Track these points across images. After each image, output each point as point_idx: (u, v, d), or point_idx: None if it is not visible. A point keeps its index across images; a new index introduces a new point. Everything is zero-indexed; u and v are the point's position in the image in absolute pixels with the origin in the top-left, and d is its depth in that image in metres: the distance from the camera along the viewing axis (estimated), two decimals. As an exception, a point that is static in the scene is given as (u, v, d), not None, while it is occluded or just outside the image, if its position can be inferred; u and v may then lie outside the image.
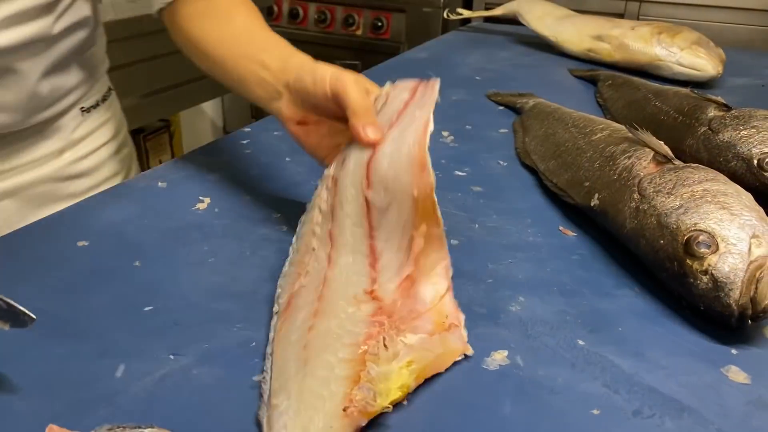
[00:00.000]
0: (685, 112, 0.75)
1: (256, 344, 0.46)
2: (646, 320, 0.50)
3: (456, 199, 0.68)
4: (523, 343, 0.47)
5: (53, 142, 0.70)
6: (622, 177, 0.59)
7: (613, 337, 0.48)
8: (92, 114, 0.75)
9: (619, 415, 0.41)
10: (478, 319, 0.49)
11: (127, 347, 0.45)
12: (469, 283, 0.53)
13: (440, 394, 0.42)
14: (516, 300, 0.51)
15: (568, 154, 0.69)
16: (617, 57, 1.17)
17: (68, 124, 0.71)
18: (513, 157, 0.79)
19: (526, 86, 1.02)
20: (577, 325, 0.49)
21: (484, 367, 0.44)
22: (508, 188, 0.71)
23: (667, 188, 0.54)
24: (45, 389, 0.41)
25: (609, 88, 1.00)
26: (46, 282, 0.52)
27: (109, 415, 0.39)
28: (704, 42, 1.11)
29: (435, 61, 1.24)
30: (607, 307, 0.51)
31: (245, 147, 0.79)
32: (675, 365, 0.45)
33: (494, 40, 1.42)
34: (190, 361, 0.44)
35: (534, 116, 0.85)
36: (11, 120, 0.64)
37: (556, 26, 1.28)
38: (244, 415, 0.40)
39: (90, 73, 0.73)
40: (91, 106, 0.74)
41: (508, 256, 0.58)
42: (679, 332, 0.49)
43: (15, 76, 0.62)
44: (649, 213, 0.54)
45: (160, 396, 0.41)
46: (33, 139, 0.68)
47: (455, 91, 1.04)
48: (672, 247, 0.50)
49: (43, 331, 0.46)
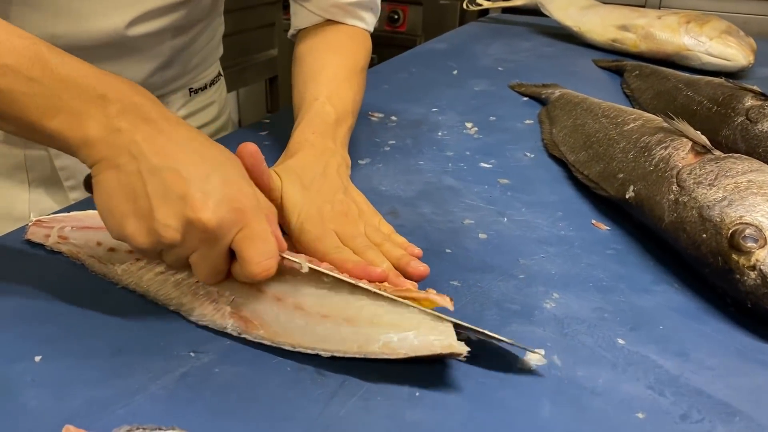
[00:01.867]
0: (720, 102, 0.72)
1: (279, 341, 0.44)
2: (688, 318, 0.47)
3: (483, 191, 0.66)
4: (560, 341, 0.44)
5: None
6: (659, 168, 0.57)
7: (654, 336, 0.45)
8: (199, 95, 0.79)
9: (665, 420, 0.38)
10: (512, 316, 0.47)
11: (146, 344, 0.43)
12: (500, 279, 0.51)
13: (475, 395, 0.40)
14: (550, 296, 0.49)
15: (599, 145, 0.67)
16: (643, 47, 1.14)
17: (176, 102, 0.75)
18: (540, 149, 0.77)
19: (549, 77, 0.99)
20: (616, 323, 0.46)
21: (520, 366, 0.42)
22: (536, 180, 0.69)
23: (708, 179, 0.52)
24: (61, 388, 0.39)
25: (636, 78, 0.97)
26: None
27: (128, 414, 0.37)
28: (734, 31, 1.07)
29: (455, 52, 1.21)
30: (646, 304, 0.49)
31: (264, 138, 0.77)
32: (722, 366, 0.43)
33: (514, 31, 1.39)
34: (212, 358, 0.42)
35: (560, 107, 0.82)
36: None
37: (579, 16, 1.25)
38: (269, 414, 0.38)
39: (205, 59, 0.77)
40: (200, 88, 0.78)
41: (540, 251, 0.55)
42: (725, 331, 0.46)
43: (140, 56, 0.65)
44: (689, 205, 0.51)
45: (180, 395, 0.39)
46: None
47: (478, 81, 1.02)
48: (715, 241, 0.48)
49: (59, 328, 0.44)
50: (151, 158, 0.41)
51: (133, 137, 0.42)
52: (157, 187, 0.41)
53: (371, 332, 0.41)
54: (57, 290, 0.48)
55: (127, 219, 0.41)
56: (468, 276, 0.51)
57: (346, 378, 0.40)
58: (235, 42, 1.89)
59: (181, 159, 0.42)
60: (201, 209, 0.41)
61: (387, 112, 0.87)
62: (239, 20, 1.87)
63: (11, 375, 0.40)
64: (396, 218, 0.60)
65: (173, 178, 0.41)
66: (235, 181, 0.44)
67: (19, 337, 0.43)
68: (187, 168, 0.41)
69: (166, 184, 0.41)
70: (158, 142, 0.42)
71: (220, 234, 0.42)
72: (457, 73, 1.07)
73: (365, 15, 0.73)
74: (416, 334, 0.40)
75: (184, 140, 0.43)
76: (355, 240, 0.49)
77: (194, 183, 0.41)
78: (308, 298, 0.45)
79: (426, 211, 0.62)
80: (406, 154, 0.74)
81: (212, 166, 0.43)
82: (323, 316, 0.43)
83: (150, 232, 0.41)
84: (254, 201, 0.44)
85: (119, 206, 0.42)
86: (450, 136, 0.80)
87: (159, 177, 0.41)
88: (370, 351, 0.41)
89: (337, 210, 0.52)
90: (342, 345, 0.41)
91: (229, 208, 0.42)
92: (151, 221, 0.41)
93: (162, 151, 0.42)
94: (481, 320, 0.46)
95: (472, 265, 0.53)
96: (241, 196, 0.43)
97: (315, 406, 0.38)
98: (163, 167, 0.41)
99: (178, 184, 0.41)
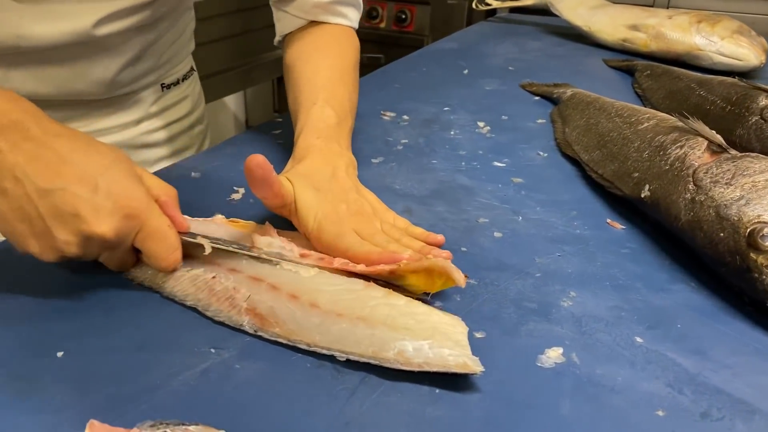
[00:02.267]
0: (734, 102, 0.72)
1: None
2: (705, 317, 0.47)
3: (497, 190, 0.66)
4: (578, 340, 0.44)
5: (132, 113, 0.74)
6: (675, 167, 0.57)
7: (672, 335, 0.45)
8: (172, 90, 0.79)
9: (686, 417, 0.38)
10: (529, 314, 0.47)
11: (167, 340, 0.43)
12: (517, 277, 0.51)
13: (494, 393, 0.40)
14: (567, 295, 0.49)
15: (613, 144, 0.67)
16: (654, 47, 1.13)
17: (148, 97, 0.75)
18: (553, 148, 0.77)
19: (560, 76, 0.99)
20: (633, 322, 0.46)
21: (538, 365, 0.42)
22: (550, 179, 0.69)
23: (725, 178, 0.52)
24: (85, 383, 0.39)
25: (648, 78, 0.97)
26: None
27: (151, 410, 0.38)
28: (746, 31, 1.07)
29: (465, 52, 1.21)
30: (663, 302, 0.49)
31: (277, 137, 0.77)
32: (741, 365, 0.43)
33: (523, 31, 1.39)
34: (232, 354, 0.42)
35: (573, 106, 0.82)
36: (96, 90, 0.67)
37: (589, 16, 1.25)
38: (290, 410, 0.38)
39: (176, 54, 0.77)
40: (172, 83, 0.78)
41: (556, 250, 0.55)
42: (742, 330, 0.46)
43: (107, 53, 0.65)
44: (706, 204, 0.51)
45: (202, 391, 0.39)
46: (113, 108, 0.72)
47: (488, 81, 1.02)
48: (733, 240, 0.48)
49: (79, 324, 0.45)
50: (36, 180, 0.42)
51: (15, 159, 0.42)
52: (49, 209, 0.42)
53: (386, 335, 0.41)
54: (72, 287, 0.48)
55: (28, 240, 0.43)
56: (484, 274, 0.51)
57: (366, 375, 0.41)
58: (242, 42, 1.89)
59: (66, 176, 0.43)
60: (95, 224, 0.43)
61: (399, 111, 0.87)
62: (246, 20, 1.87)
63: (35, 370, 0.40)
64: (410, 216, 0.60)
65: (63, 197, 0.42)
66: (123, 184, 0.45)
67: (40, 333, 0.44)
68: (74, 185, 0.43)
69: (57, 204, 0.42)
70: (41, 162, 0.43)
71: (119, 241, 0.45)
72: (468, 73, 1.07)
73: (348, 12, 0.73)
74: (431, 344, 0.41)
75: (67, 152, 0.44)
76: (374, 237, 0.50)
77: (84, 199, 0.43)
78: (323, 295, 0.45)
79: (440, 210, 0.62)
80: (419, 153, 0.74)
81: (98, 174, 0.44)
82: (338, 315, 0.43)
83: (53, 250, 0.44)
84: (145, 199, 0.46)
85: (17, 228, 0.43)
86: (462, 135, 0.80)
87: (48, 199, 0.42)
88: (385, 358, 0.41)
89: (353, 209, 0.52)
90: (357, 347, 0.41)
91: (121, 215, 0.44)
92: (52, 240, 0.43)
93: (46, 171, 0.42)
94: (498, 318, 0.46)
95: (489, 263, 0.53)
96: (130, 200, 0.44)
97: (336, 402, 0.39)
98: (51, 189, 0.42)
99: (69, 203, 0.42)
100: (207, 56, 1.77)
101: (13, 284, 0.48)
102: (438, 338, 0.41)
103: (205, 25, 1.70)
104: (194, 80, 0.85)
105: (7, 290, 0.48)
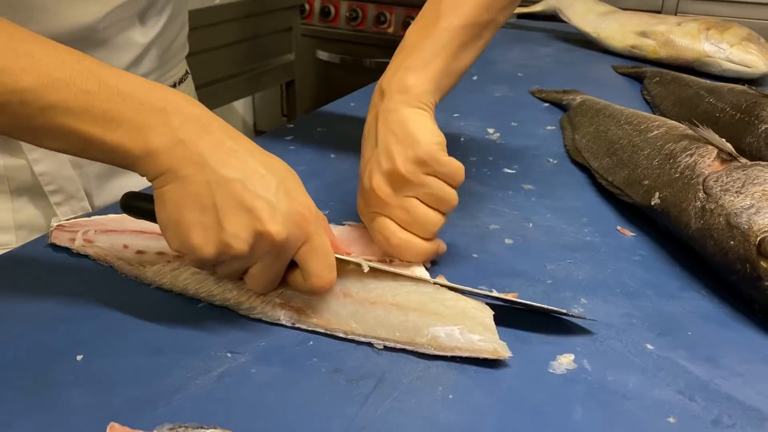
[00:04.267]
0: (743, 110, 0.73)
1: (313, 343, 0.45)
2: (716, 324, 0.48)
3: (507, 197, 0.66)
4: (590, 346, 0.45)
5: None
6: (685, 175, 0.57)
7: (683, 342, 0.46)
8: None
9: (697, 424, 0.39)
10: (541, 320, 0.47)
11: (184, 344, 0.44)
12: (528, 284, 0.52)
13: (507, 399, 0.40)
14: (578, 302, 0.50)
15: (623, 152, 0.67)
16: (662, 53, 1.14)
17: None
18: (562, 155, 0.77)
19: (569, 83, 1.00)
20: (644, 329, 0.47)
21: (550, 371, 0.43)
22: (560, 186, 0.69)
23: (735, 187, 0.52)
24: (103, 386, 0.40)
25: (657, 84, 0.97)
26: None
27: (169, 413, 0.38)
28: (755, 38, 1.07)
29: (474, 58, 1.22)
30: (674, 310, 0.49)
31: (289, 143, 0.78)
32: (751, 372, 0.43)
33: (532, 37, 1.39)
34: (248, 359, 0.43)
35: (582, 113, 0.83)
36: None
37: (598, 22, 1.25)
38: (306, 414, 0.39)
39: (173, 56, 0.77)
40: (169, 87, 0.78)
41: (566, 257, 0.56)
42: (752, 338, 0.47)
43: (111, 51, 0.64)
44: (716, 213, 0.52)
45: (219, 395, 0.40)
46: None
47: (498, 87, 1.02)
48: (743, 248, 0.48)
49: (98, 328, 0.45)
50: (217, 169, 0.42)
51: (197, 148, 0.42)
52: (225, 199, 0.41)
53: (419, 321, 0.44)
54: (89, 292, 0.49)
55: (193, 230, 0.42)
56: (496, 281, 0.52)
57: (380, 380, 0.41)
58: (251, 46, 1.91)
59: (246, 171, 0.42)
60: (270, 222, 0.42)
61: (409, 117, 0.88)
62: (256, 25, 1.88)
63: (55, 373, 0.41)
64: (422, 223, 0.60)
65: (241, 189, 0.41)
66: (299, 192, 0.45)
67: (60, 336, 0.44)
68: (253, 180, 0.42)
69: (234, 195, 0.41)
70: (222, 154, 0.42)
71: (286, 247, 0.43)
72: (477, 79, 1.07)
73: None
74: (461, 330, 0.43)
75: (246, 152, 0.44)
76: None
77: (262, 195, 0.42)
78: (353, 285, 0.47)
79: (451, 216, 0.62)
80: (430, 160, 0.75)
81: (276, 178, 0.43)
82: (372, 303, 0.46)
83: (218, 243, 0.42)
84: (315, 213, 0.45)
85: (186, 217, 0.42)
86: (472, 142, 0.81)
87: (226, 188, 0.41)
88: (419, 343, 0.43)
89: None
90: (393, 333, 0.44)
91: (295, 221, 0.43)
92: (220, 232, 0.42)
93: (227, 163, 0.42)
94: (510, 324, 0.47)
95: (500, 270, 0.54)
96: (303, 209, 0.44)
97: (351, 407, 0.39)
98: (230, 178, 0.42)
99: (246, 196, 0.41)
100: (216, 61, 1.78)
101: (33, 288, 0.49)
102: (468, 323, 0.44)
103: (214, 29, 1.71)
104: (189, 84, 0.85)
105: (27, 294, 0.49)
